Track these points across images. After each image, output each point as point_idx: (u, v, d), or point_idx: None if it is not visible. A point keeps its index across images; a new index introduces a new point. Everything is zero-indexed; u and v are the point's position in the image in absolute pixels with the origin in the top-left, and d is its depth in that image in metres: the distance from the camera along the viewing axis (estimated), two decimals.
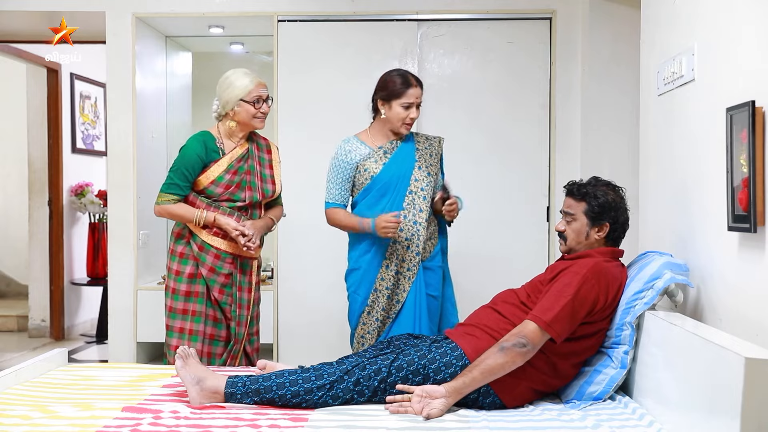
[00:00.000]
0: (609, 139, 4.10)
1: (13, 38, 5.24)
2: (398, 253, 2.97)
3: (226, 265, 3.05)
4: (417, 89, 2.98)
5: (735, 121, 2.04)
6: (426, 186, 3.00)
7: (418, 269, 2.98)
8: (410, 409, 2.20)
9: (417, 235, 2.97)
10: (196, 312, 3.06)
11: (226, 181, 3.03)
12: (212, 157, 3.04)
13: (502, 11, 4.30)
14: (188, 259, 3.06)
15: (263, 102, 3.07)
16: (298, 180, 4.35)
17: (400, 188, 2.99)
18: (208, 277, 3.04)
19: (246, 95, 3.03)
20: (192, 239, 3.05)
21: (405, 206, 2.97)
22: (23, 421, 2.07)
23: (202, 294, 3.06)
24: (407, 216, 2.97)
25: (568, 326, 2.30)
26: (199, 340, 3.05)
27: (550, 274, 2.49)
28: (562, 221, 2.57)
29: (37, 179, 5.89)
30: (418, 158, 3.03)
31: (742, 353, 1.66)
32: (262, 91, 3.07)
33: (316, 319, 4.32)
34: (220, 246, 3.03)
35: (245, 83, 3.04)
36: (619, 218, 2.51)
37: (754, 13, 2.04)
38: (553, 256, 4.19)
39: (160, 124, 4.79)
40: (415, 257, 2.97)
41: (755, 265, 2.00)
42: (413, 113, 2.98)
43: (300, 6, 4.36)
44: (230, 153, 3.07)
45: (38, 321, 5.92)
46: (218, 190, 3.03)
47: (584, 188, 2.53)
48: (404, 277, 2.98)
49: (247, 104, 3.04)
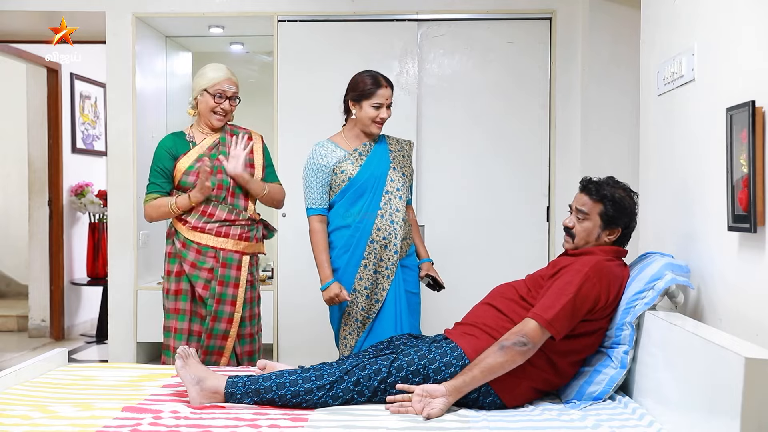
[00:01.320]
0: (609, 139, 4.10)
1: (13, 38, 5.25)
2: (376, 253, 3.00)
3: (208, 259, 3.03)
4: (387, 90, 3.01)
5: (735, 121, 2.04)
6: (401, 186, 3.07)
7: (396, 268, 3.01)
8: (410, 409, 2.20)
9: (394, 234, 3.00)
10: (182, 310, 3.06)
11: (197, 168, 3.02)
12: (182, 150, 3.06)
13: (502, 11, 4.30)
14: (175, 257, 3.07)
15: (226, 99, 3.07)
16: (298, 180, 4.34)
17: (377, 189, 3.03)
18: (190, 273, 3.02)
19: (209, 86, 3.04)
20: (175, 237, 3.05)
21: (382, 206, 3.01)
22: (23, 421, 2.06)
23: (187, 291, 3.06)
24: (384, 216, 3.01)
25: (568, 324, 2.30)
26: (183, 338, 3.04)
27: (551, 269, 2.48)
28: (572, 217, 2.53)
29: (37, 179, 5.90)
30: (393, 159, 3.09)
31: (742, 353, 1.66)
32: (227, 87, 3.06)
33: (316, 319, 4.30)
34: (200, 240, 3.02)
35: (213, 75, 3.06)
36: (631, 224, 2.51)
37: (754, 13, 2.04)
38: (553, 255, 4.19)
39: (160, 124, 4.79)
40: (393, 256, 3.00)
41: (755, 265, 2.00)
42: (383, 113, 3.01)
43: (300, 6, 4.36)
44: (200, 144, 3.09)
45: (38, 321, 5.92)
46: (190, 179, 3.02)
47: (603, 189, 2.49)
48: (383, 276, 3.01)
49: (208, 96, 3.05)
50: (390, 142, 3.14)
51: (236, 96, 3.11)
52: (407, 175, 3.13)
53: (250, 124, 3.28)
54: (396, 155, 3.12)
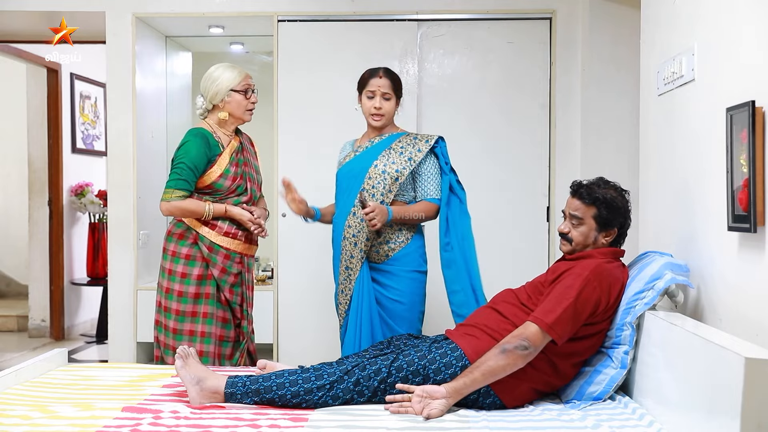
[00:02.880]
0: (609, 139, 4.10)
1: (13, 38, 5.24)
2: (347, 249, 3.01)
3: (236, 264, 3.07)
4: (380, 79, 3.02)
5: (735, 121, 2.04)
6: (378, 183, 2.97)
7: (362, 267, 2.98)
8: (410, 410, 2.20)
9: (363, 232, 2.97)
10: (207, 314, 3.04)
11: (232, 173, 3.04)
12: (215, 152, 3.03)
13: (502, 11, 4.30)
14: (195, 260, 3.04)
15: (252, 93, 3.10)
16: (298, 180, 4.33)
17: (354, 186, 3.02)
18: (219, 277, 3.03)
19: (236, 85, 3.05)
20: (200, 240, 3.02)
21: (356, 203, 2.99)
22: (23, 421, 2.06)
23: (213, 295, 3.05)
24: (356, 213, 2.98)
25: (570, 328, 2.29)
26: (211, 342, 3.04)
27: (551, 275, 2.48)
28: (566, 223, 2.53)
29: (37, 179, 5.89)
30: (382, 156, 3.00)
31: (742, 353, 1.66)
32: (250, 81, 3.12)
33: (316, 319, 4.32)
34: (229, 246, 3.04)
35: (234, 74, 3.07)
36: (626, 223, 2.51)
37: (754, 13, 2.04)
38: (553, 256, 4.19)
39: (160, 124, 4.79)
40: (360, 253, 2.98)
41: (755, 265, 2.00)
42: (377, 102, 3.01)
43: (300, 6, 4.36)
44: (228, 146, 3.08)
45: (38, 321, 5.92)
46: (227, 183, 3.03)
47: (595, 192, 2.48)
48: (353, 272, 3.01)
49: (238, 94, 3.05)
50: (400, 139, 3.05)
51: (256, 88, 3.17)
52: (399, 171, 2.96)
53: (250, 123, 3.28)
54: (394, 152, 3.00)
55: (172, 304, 3.05)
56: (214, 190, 3.03)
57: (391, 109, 3.05)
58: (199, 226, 3.02)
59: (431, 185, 3.04)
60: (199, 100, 3.12)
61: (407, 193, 3.05)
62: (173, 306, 3.05)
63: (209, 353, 3.02)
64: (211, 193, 3.03)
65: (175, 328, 3.05)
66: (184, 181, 2.97)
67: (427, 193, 3.04)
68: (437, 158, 3.08)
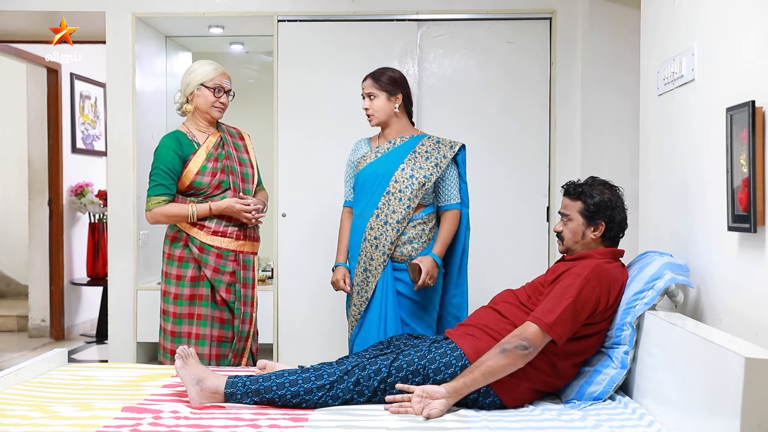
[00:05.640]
0: (609, 139, 4.10)
1: (13, 38, 5.24)
2: (367, 251, 3.00)
3: (230, 263, 3.04)
4: (364, 82, 3.09)
5: (735, 121, 2.04)
6: (405, 188, 2.97)
7: (385, 268, 2.97)
8: (410, 410, 2.20)
9: (385, 235, 2.97)
10: (202, 315, 3.03)
11: (210, 168, 3.02)
12: (189, 151, 3.03)
13: (502, 11, 4.30)
14: (188, 262, 3.03)
15: (224, 93, 3.08)
16: (298, 180, 4.35)
17: (378, 188, 3.02)
18: (213, 277, 3.02)
19: (207, 81, 3.04)
20: (190, 241, 3.02)
21: (379, 206, 2.99)
22: (23, 421, 2.07)
23: (207, 296, 3.04)
24: (380, 216, 2.99)
25: (570, 328, 2.30)
26: (206, 344, 3.03)
27: (551, 275, 2.48)
28: (560, 222, 2.57)
29: (37, 179, 5.89)
30: (408, 160, 3.01)
31: (742, 353, 1.66)
32: (224, 81, 3.09)
33: (316, 319, 4.32)
34: (220, 245, 3.02)
35: (208, 69, 3.07)
36: (615, 217, 2.49)
37: (754, 13, 2.04)
38: (553, 256, 4.19)
39: (160, 124, 4.79)
40: (382, 256, 2.98)
41: (755, 265, 2.00)
42: (365, 103, 3.07)
43: (300, 6, 4.36)
44: (205, 143, 3.07)
45: (38, 321, 5.92)
46: (206, 180, 3.01)
47: (580, 188, 2.52)
48: (372, 275, 3.00)
49: (207, 90, 3.04)
50: (423, 142, 3.06)
51: (231, 90, 3.13)
52: (428, 177, 2.98)
53: (250, 124, 3.29)
54: (418, 156, 3.01)
55: (170, 306, 3.05)
56: (196, 189, 3.01)
57: (379, 107, 3.04)
58: (189, 228, 3.02)
59: (452, 190, 3.07)
60: (177, 94, 3.14)
61: (428, 196, 3.05)
62: (170, 309, 3.05)
63: (204, 355, 3.00)
64: (194, 193, 3.02)
65: (173, 331, 3.04)
66: (161, 185, 2.98)
67: (450, 199, 3.06)
68: (457, 166, 3.11)
